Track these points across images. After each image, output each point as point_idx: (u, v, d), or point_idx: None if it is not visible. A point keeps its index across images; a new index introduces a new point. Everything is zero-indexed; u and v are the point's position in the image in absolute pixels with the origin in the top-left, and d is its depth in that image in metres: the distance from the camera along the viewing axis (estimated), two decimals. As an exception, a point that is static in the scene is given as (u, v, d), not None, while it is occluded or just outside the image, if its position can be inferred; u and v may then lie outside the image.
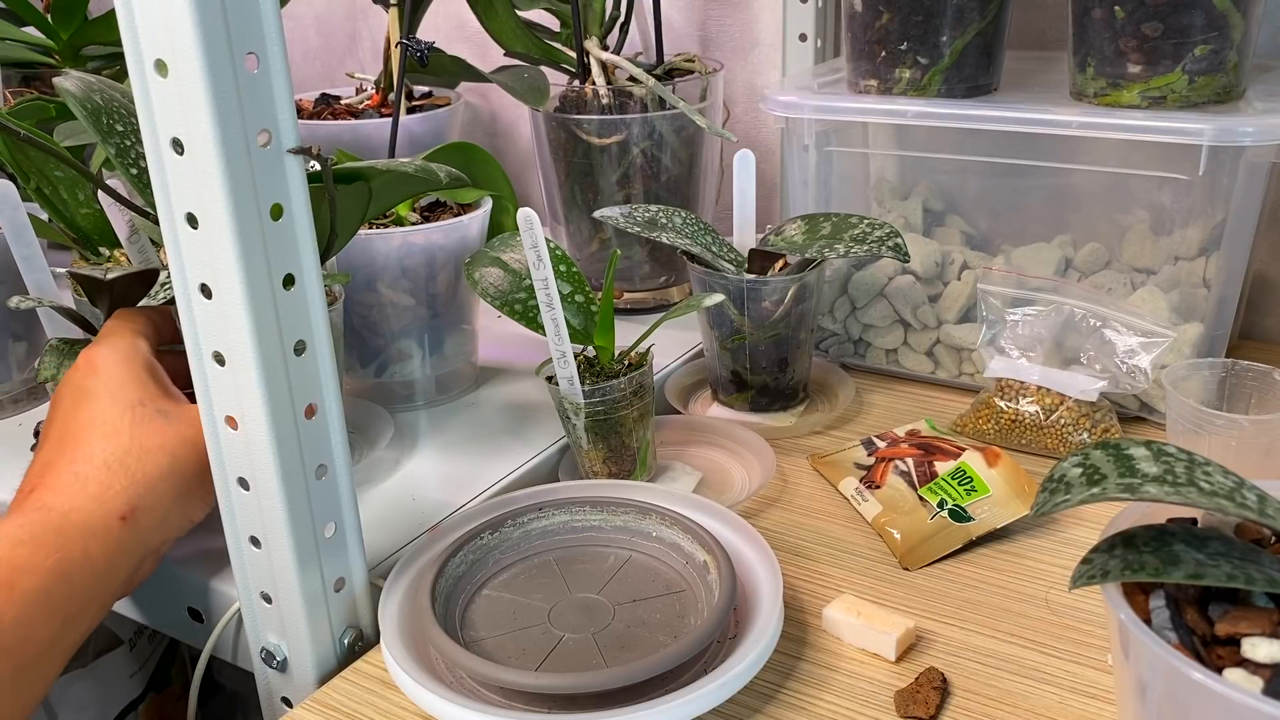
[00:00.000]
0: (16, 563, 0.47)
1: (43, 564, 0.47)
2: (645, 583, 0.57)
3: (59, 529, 0.49)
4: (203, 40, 0.41)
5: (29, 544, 0.48)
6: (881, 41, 0.76)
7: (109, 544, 0.50)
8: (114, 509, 0.50)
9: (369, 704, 0.52)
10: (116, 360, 0.55)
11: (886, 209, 0.83)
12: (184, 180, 0.44)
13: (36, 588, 0.47)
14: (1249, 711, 0.35)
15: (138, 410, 0.53)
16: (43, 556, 0.47)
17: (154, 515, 0.52)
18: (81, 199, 0.71)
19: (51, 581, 0.47)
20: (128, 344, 0.56)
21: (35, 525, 0.48)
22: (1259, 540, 0.43)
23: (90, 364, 0.55)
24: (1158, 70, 0.68)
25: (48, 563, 0.47)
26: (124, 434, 0.52)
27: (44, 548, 0.48)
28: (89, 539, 0.49)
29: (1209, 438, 0.63)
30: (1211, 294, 0.72)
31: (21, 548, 0.47)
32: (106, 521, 0.50)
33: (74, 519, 0.49)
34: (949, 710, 0.50)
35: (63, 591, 0.48)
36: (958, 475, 0.65)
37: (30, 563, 0.47)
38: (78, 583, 0.48)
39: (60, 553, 0.48)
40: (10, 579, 0.46)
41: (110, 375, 0.54)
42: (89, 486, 0.51)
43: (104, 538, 0.50)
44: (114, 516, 0.50)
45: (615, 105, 0.86)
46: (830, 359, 0.86)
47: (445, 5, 1.11)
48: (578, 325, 0.68)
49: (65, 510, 0.50)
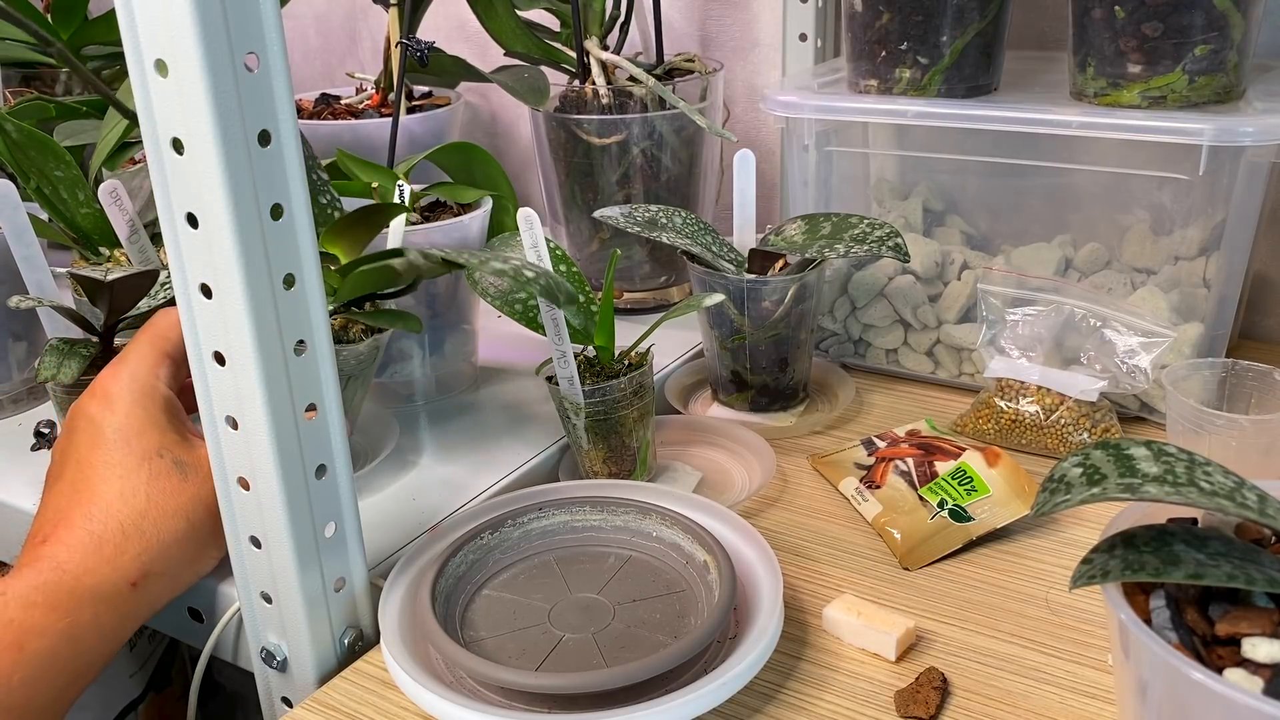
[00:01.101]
0: (28, 625, 0.47)
1: (54, 627, 0.47)
2: (645, 583, 0.57)
3: (71, 592, 0.49)
4: (203, 40, 0.41)
5: (41, 606, 0.48)
6: (881, 41, 0.76)
7: (119, 609, 0.50)
8: (127, 575, 0.51)
9: (369, 704, 0.52)
10: (134, 399, 0.54)
11: (886, 209, 0.83)
12: (184, 180, 0.44)
13: (46, 650, 0.47)
14: (1249, 711, 0.35)
15: (155, 463, 0.52)
16: (54, 620, 0.47)
17: (165, 580, 0.52)
18: (81, 199, 0.71)
19: (60, 644, 0.47)
20: (147, 374, 0.54)
21: (49, 588, 0.48)
22: (1259, 540, 0.43)
23: (106, 397, 0.54)
24: (1158, 70, 0.68)
25: (59, 626, 0.47)
26: (140, 494, 0.52)
27: (56, 610, 0.48)
28: (100, 605, 0.49)
29: (1209, 438, 0.63)
30: (1211, 294, 0.72)
31: (34, 610, 0.47)
32: (119, 588, 0.50)
33: (87, 582, 0.49)
34: (949, 710, 0.50)
35: (70, 654, 0.48)
36: (958, 475, 0.65)
37: (41, 625, 0.47)
38: (85, 646, 0.49)
39: (72, 617, 0.48)
40: (21, 640, 0.46)
41: (127, 417, 0.53)
42: (104, 549, 0.50)
43: (115, 604, 0.50)
44: (126, 582, 0.50)
45: (615, 105, 0.86)
46: (830, 359, 0.86)
47: (445, 5, 1.11)
48: (578, 325, 0.68)
49: (79, 574, 0.50)
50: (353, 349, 0.63)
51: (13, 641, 0.46)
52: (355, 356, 0.63)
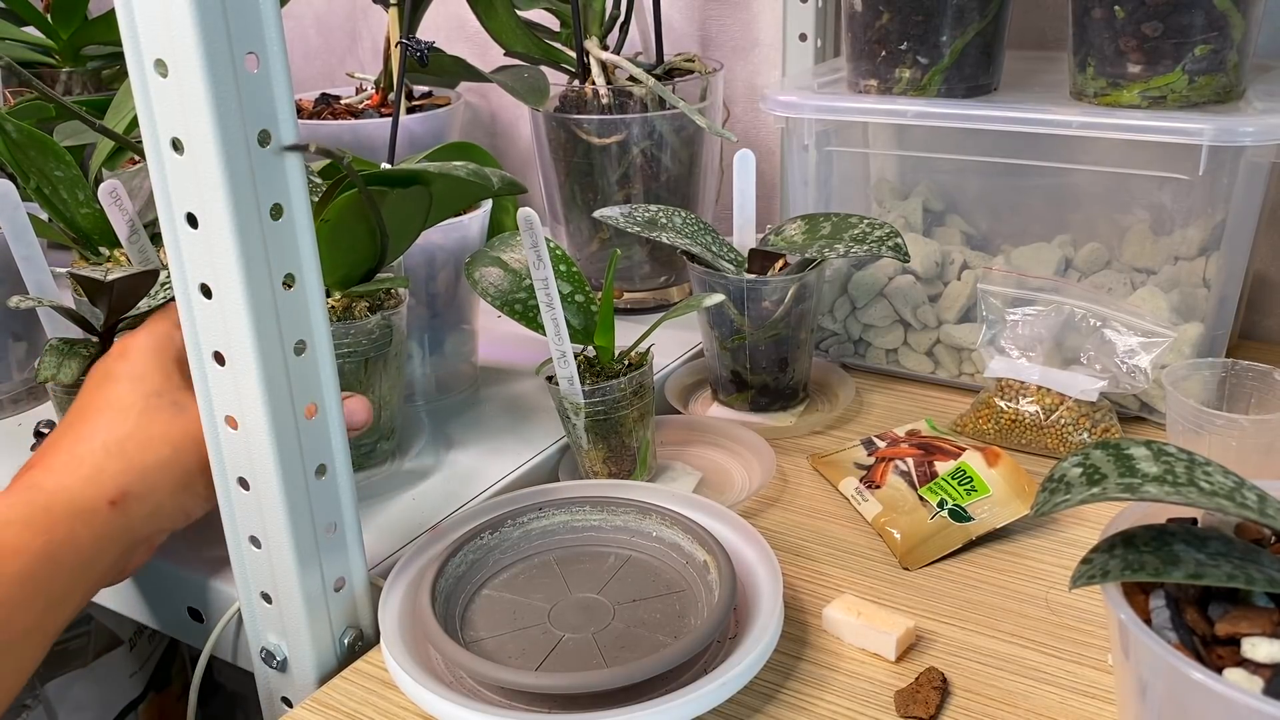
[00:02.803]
0: (3, 543, 0.46)
1: (29, 545, 0.47)
2: (645, 583, 0.57)
3: (47, 508, 0.48)
4: (203, 40, 0.41)
5: (17, 524, 0.47)
6: (881, 41, 0.76)
7: (95, 527, 0.49)
8: (104, 492, 0.50)
9: (369, 704, 0.52)
10: (147, 348, 0.54)
11: (886, 209, 0.83)
12: (184, 180, 0.44)
13: (22, 570, 0.46)
14: (1249, 711, 0.35)
15: (152, 399, 0.53)
16: (30, 537, 0.47)
17: (146, 504, 0.51)
18: (81, 199, 0.71)
19: (37, 564, 0.47)
20: (164, 333, 0.55)
21: (24, 505, 0.48)
22: (1259, 540, 0.43)
23: (123, 349, 0.55)
24: (1158, 70, 0.68)
25: (35, 544, 0.47)
26: (130, 420, 0.52)
27: (31, 528, 0.47)
28: (76, 521, 0.49)
29: (1209, 437, 0.63)
30: (1211, 294, 0.72)
31: (9, 528, 0.47)
32: (95, 504, 0.50)
33: (62, 498, 0.49)
34: (949, 710, 0.50)
35: (48, 574, 0.47)
36: (958, 475, 0.65)
37: (17, 543, 0.47)
38: (64, 565, 0.48)
39: (48, 534, 0.47)
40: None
41: (136, 362, 0.54)
42: (82, 468, 0.50)
43: (91, 520, 0.49)
44: (103, 500, 0.50)
45: (615, 105, 0.86)
46: (830, 359, 0.86)
47: (445, 5, 1.11)
48: (578, 325, 0.68)
49: (54, 490, 0.49)
50: (361, 326, 0.63)
51: None
52: (366, 335, 0.63)
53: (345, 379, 0.64)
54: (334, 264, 0.60)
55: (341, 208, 0.58)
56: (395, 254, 0.65)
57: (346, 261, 0.62)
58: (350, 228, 0.59)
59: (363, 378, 0.65)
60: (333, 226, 0.58)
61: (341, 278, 0.63)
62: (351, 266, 0.63)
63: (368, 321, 0.64)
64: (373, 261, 0.63)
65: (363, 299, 0.65)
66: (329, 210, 0.57)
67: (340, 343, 0.62)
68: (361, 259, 0.63)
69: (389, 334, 0.65)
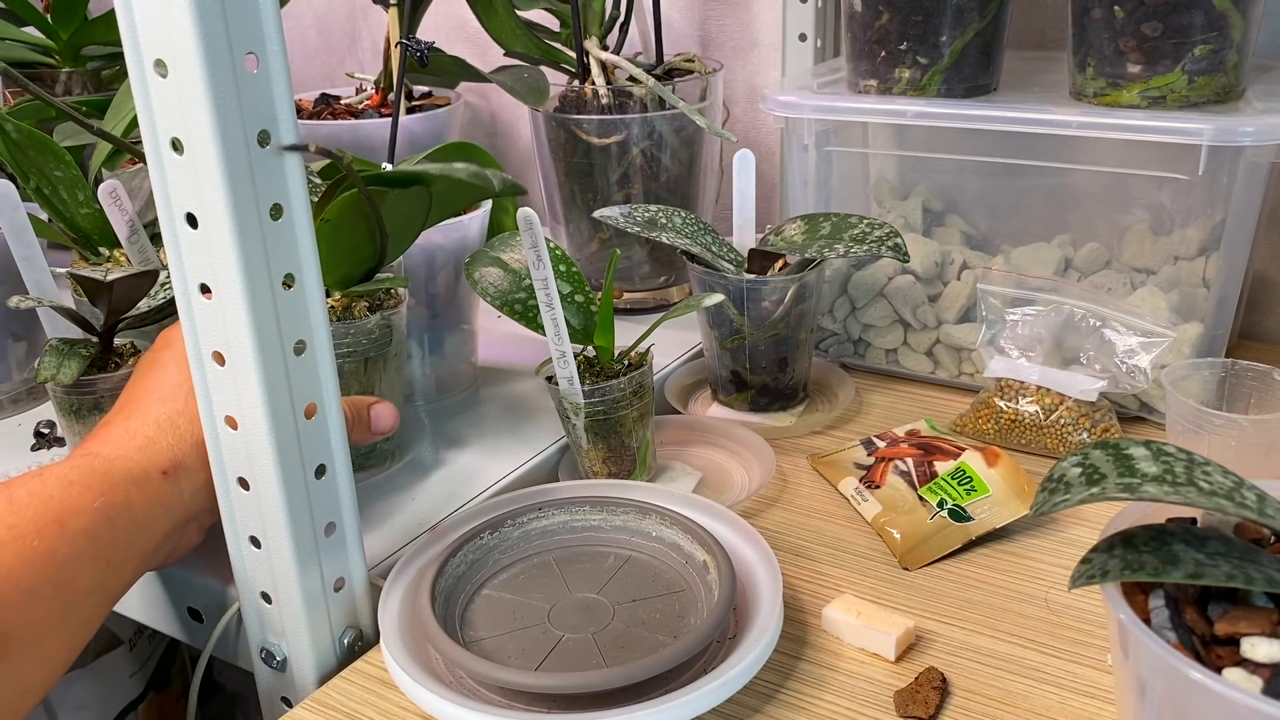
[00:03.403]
0: (67, 502, 0.48)
1: (90, 505, 0.48)
2: (645, 583, 0.57)
3: (104, 474, 0.50)
4: (202, 40, 0.41)
5: (78, 485, 0.49)
6: (881, 41, 0.76)
7: (149, 494, 0.51)
8: (157, 462, 0.52)
9: (369, 704, 0.52)
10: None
11: (886, 209, 0.83)
12: (184, 180, 0.44)
13: (85, 528, 0.48)
14: (1248, 711, 0.35)
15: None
16: (91, 498, 0.49)
17: (196, 477, 0.53)
18: (81, 199, 0.71)
19: (97, 523, 0.48)
20: None
21: (83, 469, 0.50)
22: (1258, 540, 0.43)
23: (166, 339, 0.57)
24: (1157, 70, 0.68)
25: (95, 504, 0.48)
26: (180, 398, 0.54)
27: (91, 489, 0.49)
28: (131, 487, 0.50)
29: (1209, 437, 0.63)
30: (1211, 294, 0.72)
31: (71, 488, 0.49)
32: (149, 473, 0.51)
33: (119, 466, 0.51)
34: (949, 710, 0.50)
35: (107, 535, 0.49)
36: (957, 475, 0.65)
37: (79, 503, 0.48)
38: (120, 527, 0.49)
39: (106, 496, 0.49)
40: (61, 517, 0.47)
41: (180, 348, 0.55)
42: (135, 439, 0.52)
43: (145, 488, 0.51)
44: (156, 469, 0.52)
45: (615, 105, 0.87)
46: (830, 359, 0.86)
47: (445, 5, 1.11)
48: (578, 325, 0.68)
49: (111, 457, 0.51)
50: (361, 326, 0.63)
51: (55, 518, 0.47)
52: (366, 334, 0.63)
53: (345, 379, 0.64)
54: (334, 264, 0.60)
55: (341, 208, 0.58)
56: (395, 254, 0.65)
57: (347, 261, 0.62)
58: (350, 228, 0.59)
59: (363, 378, 0.65)
60: (333, 226, 0.58)
61: (341, 277, 0.63)
62: (351, 266, 0.63)
63: (367, 321, 0.64)
64: (372, 261, 0.63)
65: (362, 299, 0.65)
66: (329, 210, 0.57)
67: (340, 343, 0.62)
68: (361, 259, 0.63)
69: (389, 334, 0.65)
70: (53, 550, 0.46)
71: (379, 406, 0.61)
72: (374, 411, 0.61)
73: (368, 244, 0.61)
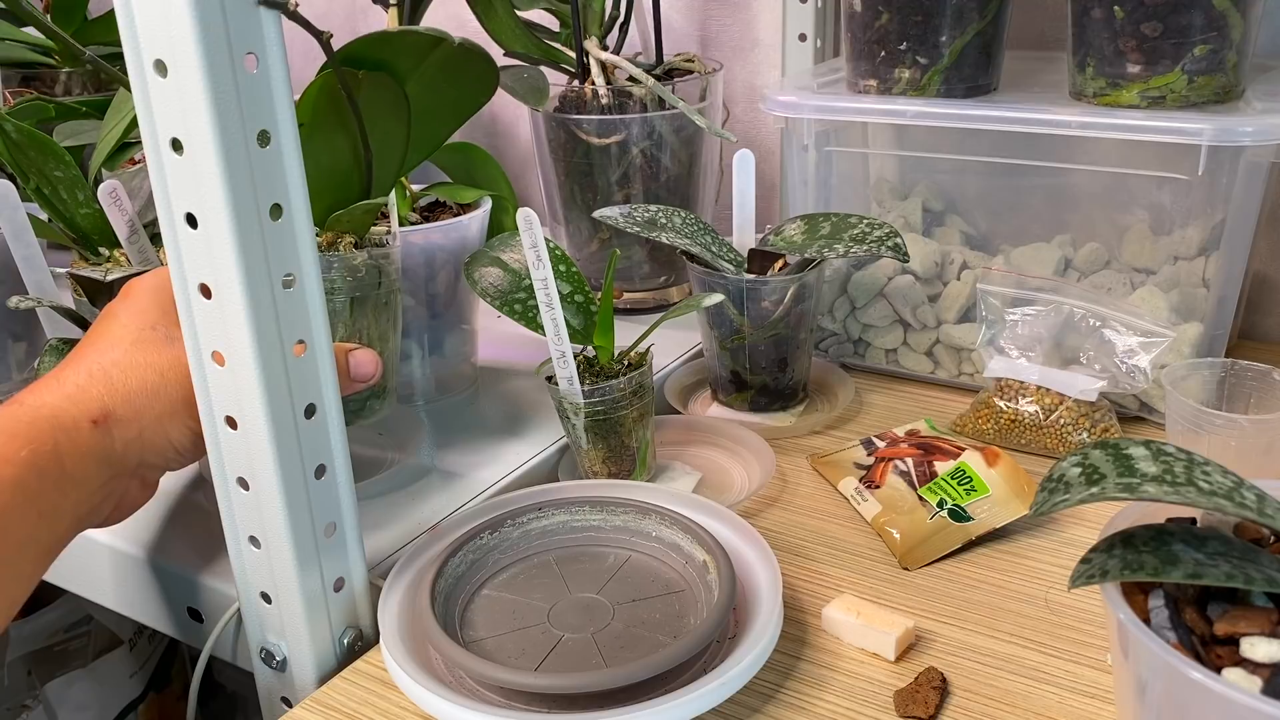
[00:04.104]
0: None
1: (16, 454, 0.47)
2: (645, 583, 0.57)
3: (30, 422, 0.49)
4: (202, 40, 0.41)
5: (3, 434, 0.47)
6: (881, 41, 0.76)
7: (79, 444, 0.49)
8: (86, 411, 0.50)
9: (369, 704, 0.52)
10: (150, 288, 0.55)
11: (886, 209, 0.83)
12: (184, 180, 0.44)
13: (12, 478, 0.46)
14: (1248, 711, 0.35)
15: (145, 332, 0.53)
16: (16, 446, 0.47)
17: (129, 428, 0.51)
18: (81, 199, 0.71)
19: (24, 473, 0.47)
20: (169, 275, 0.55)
21: (7, 419, 0.49)
22: (1258, 540, 0.43)
23: (125, 291, 0.55)
24: (1157, 70, 0.68)
25: (21, 454, 0.47)
26: (120, 349, 0.52)
27: (17, 438, 0.48)
28: (59, 434, 0.49)
29: (1208, 437, 0.63)
30: (1211, 294, 0.72)
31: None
32: (77, 422, 0.50)
33: (44, 413, 0.49)
34: (948, 710, 0.50)
35: (35, 485, 0.47)
36: (957, 475, 0.65)
37: (5, 452, 0.47)
38: (49, 478, 0.48)
39: (32, 445, 0.48)
40: None
41: (137, 299, 0.54)
42: (65, 387, 0.51)
43: (74, 436, 0.49)
44: (85, 418, 0.50)
45: (615, 105, 0.87)
46: (830, 359, 0.86)
47: (445, 5, 1.11)
48: (578, 325, 0.68)
49: (36, 405, 0.50)
50: (345, 260, 0.61)
51: None
52: (351, 271, 0.61)
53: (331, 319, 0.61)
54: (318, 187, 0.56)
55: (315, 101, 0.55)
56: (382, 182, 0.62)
57: (331, 185, 0.59)
58: (328, 138, 0.56)
59: (348, 320, 0.62)
60: (310, 131, 0.55)
61: (328, 205, 0.60)
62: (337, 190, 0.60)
63: (354, 257, 0.61)
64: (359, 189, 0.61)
65: (348, 234, 0.62)
66: (302, 107, 0.55)
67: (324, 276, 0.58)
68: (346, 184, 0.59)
69: (377, 275, 0.63)
70: None
71: (358, 353, 0.57)
72: (353, 358, 0.57)
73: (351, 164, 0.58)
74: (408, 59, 0.56)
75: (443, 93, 0.61)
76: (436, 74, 0.57)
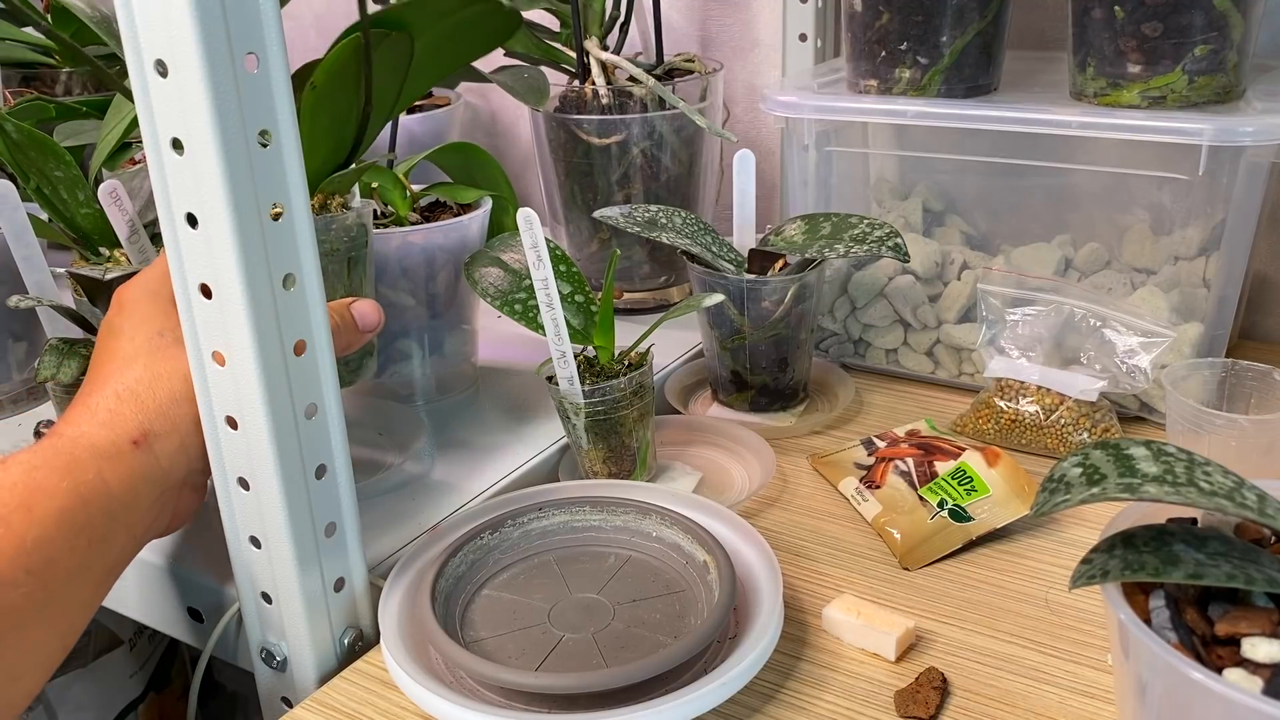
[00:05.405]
0: (32, 486, 0.47)
1: (58, 486, 0.47)
2: (645, 583, 0.57)
3: (70, 454, 0.49)
4: (203, 40, 0.41)
5: (43, 468, 0.48)
6: (881, 41, 0.76)
7: (123, 468, 0.49)
8: (124, 433, 0.50)
9: (369, 704, 0.52)
10: (142, 294, 0.54)
11: (886, 209, 0.83)
12: (184, 180, 0.44)
13: (55, 509, 0.47)
14: (1249, 711, 0.35)
15: (155, 340, 0.53)
16: (57, 479, 0.47)
17: (170, 441, 0.51)
18: (81, 199, 0.71)
19: (69, 503, 0.47)
20: (156, 277, 0.55)
21: (47, 451, 0.49)
22: (1259, 540, 0.43)
23: (119, 302, 0.55)
24: (1158, 70, 0.68)
25: (62, 485, 0.47)
26: (139, 363, 0.52)
27: (57, 471, 0.48)
28: (101, 463, 0.49)
29: (1209, 437, 0.63)
30: (1211, 294, 0.72)
31: (36, 472, 0.47)
32: (118, 446, 0.50)
33: (82, 444, 0.49)
34: (949, 710, 0.50)
35: (83, 514, 0.48)
36: (958, 475, 0.65)
37: (45, 485, 0.47)
38: (96, 505, 0.48)
39: (74, 476, 0.48)
40: (28, 501, 0.46)
41: (135, 309, 0.54)
42: (99, 414, 0.51)
43: (116, 462, 0.49)
44: (125, 441, 0.50)
45: (615, 105, 0.86)
46: (830, 359, 0.86)
47: (445, 5, 1.11)
48: (578, 325, 0.68)
49: (74, 437, 0.50)
50: (340, 220, 0.60)
51: (20, 503, 0.46)
52: (346, 232, 0.60)
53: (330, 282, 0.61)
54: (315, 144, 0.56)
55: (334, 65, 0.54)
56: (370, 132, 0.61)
57: (327, 143, 0.58)
58: (334, 96, 0.56)
59: (347, 281, 0.62)
60: (319, 95, 0.55)
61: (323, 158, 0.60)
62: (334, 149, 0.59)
63: (345, 217, 0.61)
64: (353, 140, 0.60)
65: (336, 195, 0.62)
66: (318, 74, 0.54)
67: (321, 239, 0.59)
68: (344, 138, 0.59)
69: (364, 232, 0.62)
70: (21, 536, 0.45)
71: (359, 304, 0.58)
72: (356, 310, 0.57)
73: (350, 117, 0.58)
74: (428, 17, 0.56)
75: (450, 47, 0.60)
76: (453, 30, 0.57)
